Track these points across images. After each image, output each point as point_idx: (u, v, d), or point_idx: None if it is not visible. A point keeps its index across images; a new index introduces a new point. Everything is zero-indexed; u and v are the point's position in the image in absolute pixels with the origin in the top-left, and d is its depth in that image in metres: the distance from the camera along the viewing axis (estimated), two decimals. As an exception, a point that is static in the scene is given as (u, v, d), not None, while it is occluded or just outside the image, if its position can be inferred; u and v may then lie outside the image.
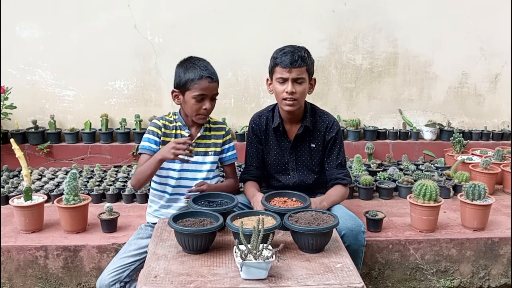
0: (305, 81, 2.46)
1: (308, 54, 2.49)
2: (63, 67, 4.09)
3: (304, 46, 2.52)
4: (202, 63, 2.47)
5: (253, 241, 1.78)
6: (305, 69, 2.44)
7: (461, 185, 3.21)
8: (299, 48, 2.47)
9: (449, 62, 4.31)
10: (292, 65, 2.41)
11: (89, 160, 4.03)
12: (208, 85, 2.41)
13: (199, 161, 2.54)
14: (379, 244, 2.68)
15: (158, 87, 4.19)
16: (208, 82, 2.40)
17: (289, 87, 2.43)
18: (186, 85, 2.42)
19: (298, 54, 2.43)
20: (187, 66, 2.45)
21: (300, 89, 2.45)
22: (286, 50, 2.46)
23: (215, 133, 2.61)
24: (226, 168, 2.69)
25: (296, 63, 2.41)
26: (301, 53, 2.44)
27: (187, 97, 2.43)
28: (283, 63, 2.42)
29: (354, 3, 4.16)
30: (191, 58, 2.51)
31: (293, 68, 2.41)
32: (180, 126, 2.53)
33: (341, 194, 2.59)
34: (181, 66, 2.49)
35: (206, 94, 2.41)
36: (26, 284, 2.64)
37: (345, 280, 1.81)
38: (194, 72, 2.41)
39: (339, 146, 2.62)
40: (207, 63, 2.49)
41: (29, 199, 2.72)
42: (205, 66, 2.45)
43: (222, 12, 4.10)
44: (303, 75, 2.45)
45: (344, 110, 4.35)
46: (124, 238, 2.64)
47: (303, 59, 2.43)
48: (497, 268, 2.76)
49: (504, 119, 4.46)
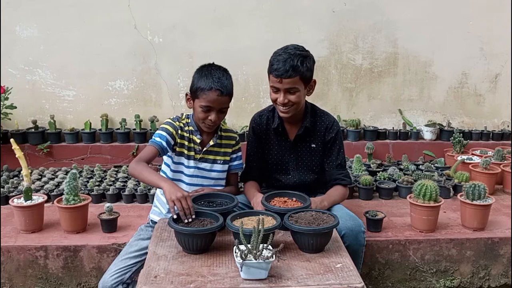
0: (298, 89, 2.40)
1: (302, 60, 2.36)
2: (63, 67, 4.09)
3: (301, 49, 2.41)
4: (218, 73, 2.38)
5: (253, 241, 1.78)
6: (297, 78, 2.35)
7: (461, 185, 3.22)
8: (293, 54, 2.35)
9: (449, 62, 4.31)
10: (282, 76, 2.34)
11: (89, 160, 4.03)
12: (216, 98, 2.34)
13: (206, 168, 2.53)
14: (379, 244, 2.68)
15: (158, 87, 4.19)
16: (216, 95, 2.33)
17: (281, 97, 2.40)
18: (196, 92, 2.38)
19: (290, 63, 2.32)
20: (202, 73, 2.39)
21: (293, 97, 2.40)
22: (279, 58, 2.36)
23: (226, 142, 2.58)
24: (229, 176, 2.66)
25: (287, 73, 2.32)
26: (294, 61, 2.33)
27: (196, 105, 2.40)
28: (275, 73, 2.35)
29: (354, 3, 4.16)
30: (210, 66, 2.44)
31: (283, 79, 2.35)
32: (192, 131, 2.49)
33: (341, 194, 2.59)
34: (198, 71, 2.43)
35: (213, 106, 2.36)
36: (26, 284, 2.64)
37: (345, 280, 1.81)
38: (206, 81, 2.35)
39: (339, 146, 2.62)
40: (223, 74, 2.39)
41: (29, 199, 2.72)
42: (219, 78, 2.36)
43: (222, 12, 4.10)
44: (296, 85, 2.37)
45: (344, 110, 4.35)
46: (124, 238, 2.64)
47: (295, 69, 2.33)
48: (497, 268, 2.76)
49: (504, 119, 4.46)
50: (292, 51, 2.37)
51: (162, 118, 4.18)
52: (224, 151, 2.57)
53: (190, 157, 2.49)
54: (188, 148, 2.49)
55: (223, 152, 2.57)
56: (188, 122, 2.51)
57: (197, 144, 2.49)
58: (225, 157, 2.57)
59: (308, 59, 2.40)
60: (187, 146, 2.48)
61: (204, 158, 2.51)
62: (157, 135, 2.43)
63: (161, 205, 2.56)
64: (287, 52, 2.37)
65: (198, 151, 2.50)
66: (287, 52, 2.37)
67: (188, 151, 2.49)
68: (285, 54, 2.36)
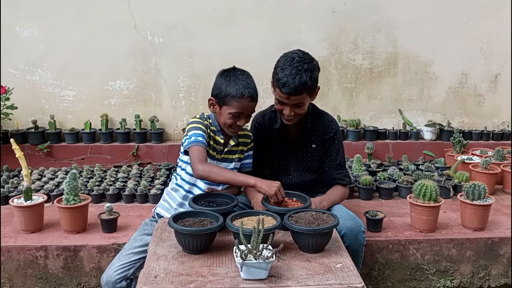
0: (305, 103, 2.38)
1: (311, 75, 2.29)
2: (63, 67, 4.09)
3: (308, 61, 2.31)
4: (245, 78, 2.36)
5: (253, 241, 1.78)
6: (305, 94, 2.32)
7: (461, 185, 3.21)
8: (302, 70, 2.27)
9: (449, 62, 4.31)
10: (291, 94, 2.29)
11: (89, 160, 4.02)
12: (247, 104, 2.34)
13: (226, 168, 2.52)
14: (379, 244, 2.68)
15: (158, 87, 4.19)
16: (248, 101, 2.33)
17: (287, 111, 2.38)
18: (225, 99, 2.34)
19: (299, 80, 2.25)
20: (229, 79, 2.35)
21: (299, 110, 2.39)
22: (286, 73, 2.27)
23: (243, 140, 2.58)
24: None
25: (296, 91, 2.28)
26: (303, 78, 2.26)
27: (224, 111, 2.37)
28: (283, 89, 2.29)
29: (354, 3, 4.16)
30: (234, 71, 2.40)
31: (292, 96, 2.31)
32: (214, 131, 2.48)
33: (341, 194, 2.59)
34: (223, 76, 2.39)
35: (243, 112, 2.36)
36: (26, 284, 2.64)
37: (345, 280, 1.81)
38: (235, 88, 2.31)
39: (338, 146, 2.61)
40: (250, 79, 2.37)
41: (29, 199, 2.72)
42: (248, 84, 2.33)
43: (222, 12, 4.10)
44: (304, 99, 2.35)
45: (344, 110, 4.35)
46: (124, 238, 2.64)
47: (304, 85, 2.27)
48: (497, 268, 2.76)
49: (504, 119, 4.46)
50: (299, 65, 2.28)
51: (162, 118, 4.19)
52: (241, 149, 2.58)
53: (213, 157, 2.49)
54: (213, 148, 2.49)
55: (240, 151, 2.58)
56: (210, 122, 2.49)
57: (220, 145, 2.49)
58: (240, 155, 2.58)
59: (315, 71, 2.34)
60: (212, 146, 2.48)
61: (224, 158, 2.52)
62: (195, 135, 2.34)
63: (172, 200, 2.55)
64: (294, 66, 2.28)
65: (220, 151, 2.50)
66: (294, 66, 2.28)
67: (212, 150, 2.49)
68: (292, 68, 2.28)
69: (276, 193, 2.20)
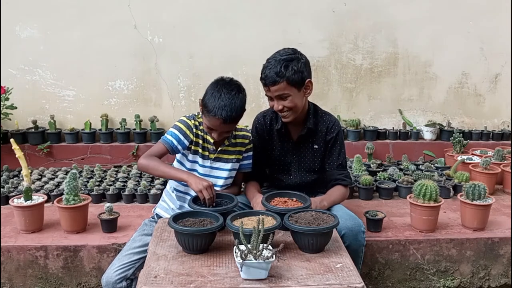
0: (289, 94, 2.37)
1: (287, 65, 2.30)
2: (63, 67, 4.09)
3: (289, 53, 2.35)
4: (229, 98, 2.27)
5: (253, 241, 1.78)
6: (284, 83, 2.32)
7: (461, 185, 3.21)
8: (278, 60, 2.32)
9: (449, 62, 4.31)
10: (268, 84, 2.35)
11: (89, 160, 4.03)
12: (219, 125, 2.30)
13: (221, 168, 2.52)
14: (379, 244, 2.68)
15: (158, 87, 4.19)
16: (220, 122, 2.29)
17: (275, 105, 2.41)
18: (204, 107, 2.34)
19: (273, 70, 2.30)
20: (214, 93, 2.29)
21: (286, 103, 2.39)
22: (266, 65, 2.36)
23: (240, 141, 2.56)
24: (236, 175, 2.62)
25: (271, 80, 2.32)
26: (277, 68, 2.30)
27: (204, 117, 2.37)
28: (262, 82, 2.37)
29: (354, 3, 4.16)
30: (225, 85, 2.32)
31: (270, 87, 2.36)
32: (204, 131, 2.47)
33: (341, 194, 2.59)
34: (213, 85, 2.34)
35: (215, 129, 2.35)
36: (26, 284, 2.64)
37: (345, 280, 1.81)
38: (213, 105, 2.26)
39: (340, 146, 2.61)
40: (234, 99, 2.28)
41: (29, 199, 2.72)
42: (226, 105, 2.25)
43: (222, 12, 4.10)
44: (285, 90, 2.35)
45: (344, 110, 4.35)
46: (124, 238, 2.64)
47: (278, 75, 2.30)
48: (497, 268, 2.76)
49: (504, 119, 4.46)
50: (278, 57, 2.35)
51: (162, 118, 4.19)
52: (238, 150, 2.56)
53: (205, 157, 2.49)
54: (203, 147, 2.48)
55: (238, 151, 2.56)
56: (202, 121, 2.47)
57: (211, 144, 2.48)
58: (238, 155, 2.56)
59: (295, 62, 2.34)
60: (201, 145, 2.48)
61: (218, 157, 2.50)
62: (169, 133, 2.41)
63: (170, 201, 2.56)
64: (274, 58, 2.36)
65: (212, 150, 2.49)
66: (274, 58, 2.36)
67: (203, 150, 2.48)
68: (272, 60, 2.35)
69: (201, 191, 2.20)
